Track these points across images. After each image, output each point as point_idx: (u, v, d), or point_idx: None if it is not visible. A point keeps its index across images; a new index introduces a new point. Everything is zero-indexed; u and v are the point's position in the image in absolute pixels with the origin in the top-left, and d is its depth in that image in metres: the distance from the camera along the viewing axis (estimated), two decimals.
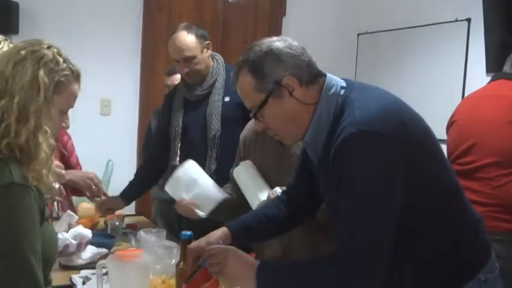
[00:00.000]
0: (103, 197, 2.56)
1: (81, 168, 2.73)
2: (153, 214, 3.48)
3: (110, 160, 3.62)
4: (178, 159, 2.62)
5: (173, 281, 1.89)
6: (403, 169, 1.32)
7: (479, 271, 1.44)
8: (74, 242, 1.89)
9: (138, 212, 3.61)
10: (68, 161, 2.66)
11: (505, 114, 2.45)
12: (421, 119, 1.45)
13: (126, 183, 3.32)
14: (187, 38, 2.54)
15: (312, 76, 1.48)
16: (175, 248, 2.03)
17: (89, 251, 2.18)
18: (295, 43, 1.50)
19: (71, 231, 1.94)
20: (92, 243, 2.20)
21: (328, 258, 1.35)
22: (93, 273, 1.95)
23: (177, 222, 2.71)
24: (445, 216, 1.42)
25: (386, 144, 1.30)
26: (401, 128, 1.34)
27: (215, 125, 2.51)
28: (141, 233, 2.20)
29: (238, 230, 1.77)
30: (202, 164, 2.48)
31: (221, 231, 1.76)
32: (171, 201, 2.41)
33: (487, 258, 1.48)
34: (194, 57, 2.53)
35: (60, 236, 1.82)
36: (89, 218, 2.83)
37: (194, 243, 1.71)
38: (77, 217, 2.15)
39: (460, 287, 1.42)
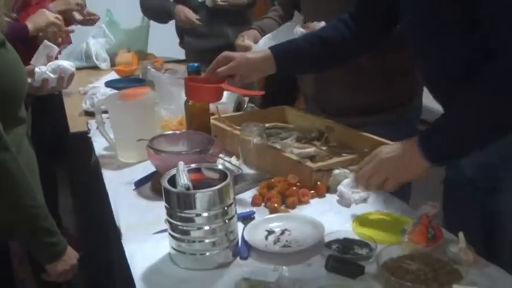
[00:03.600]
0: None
1: None
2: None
3: None
4: None
5: None
6: None
7: None
8: (52, 75, 1.66)
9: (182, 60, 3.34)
10: None
11: None
12: None
13: None
14: None
15: None
16: None
17: None
18: None
19: (50, 64, 1.70)
20: (118, 88, 2.07)
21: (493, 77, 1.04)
22: (108, 117, 1.82)
23: None
24: None
25: None
26: None
27: None
28: (152, 70, 1.99)
29: (284, 56, 1.40)
30: None
31: (264, 54, 1.40)
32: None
33: None
34: None
35: (37, 69, 1.61)
36: (127, 64, 2.70)
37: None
38: (57, 48, 1.88)
39: None
